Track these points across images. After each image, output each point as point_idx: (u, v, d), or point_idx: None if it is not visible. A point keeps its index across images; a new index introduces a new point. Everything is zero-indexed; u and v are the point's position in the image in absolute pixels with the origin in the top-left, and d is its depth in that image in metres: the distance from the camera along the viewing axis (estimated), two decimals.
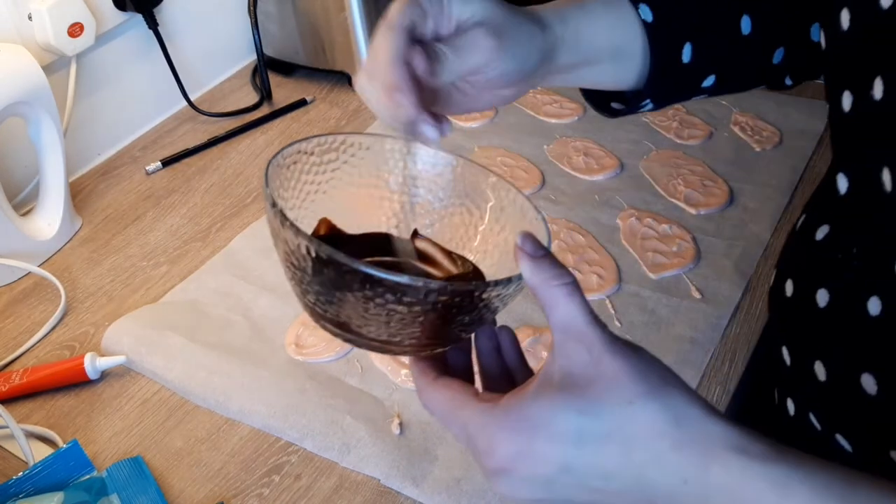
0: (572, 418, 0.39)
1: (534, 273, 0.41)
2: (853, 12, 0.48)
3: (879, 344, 0.49)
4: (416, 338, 0.45)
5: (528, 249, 0.41)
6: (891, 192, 0.43)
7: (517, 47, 0.51)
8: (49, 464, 0.69)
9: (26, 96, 0.87)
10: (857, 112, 0.47)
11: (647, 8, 0.58)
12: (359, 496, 0.67)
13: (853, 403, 0.51)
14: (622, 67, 0.59)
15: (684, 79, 0.61)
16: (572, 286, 0.41)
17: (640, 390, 0.39)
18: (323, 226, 0.52)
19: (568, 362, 0.40)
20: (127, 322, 0.83)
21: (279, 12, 1.17)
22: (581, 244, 0.87)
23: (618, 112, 0.64)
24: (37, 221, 0.94)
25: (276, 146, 1.09)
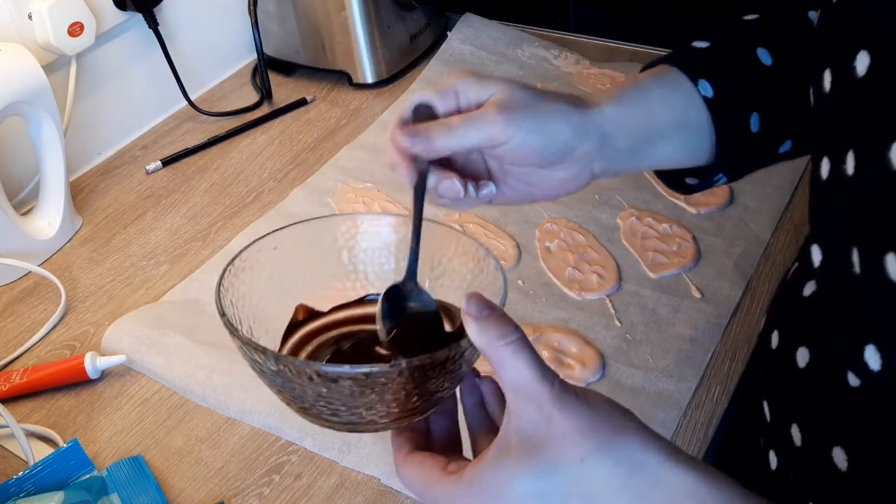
0: (530, 482, 0.40)
1: (479, 335, 0.42)
2: (833, 75, 0.45)
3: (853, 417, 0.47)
4: (388, 415, 0.46)
5: (472, 311, 0.42)
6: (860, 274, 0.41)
7: (536, 122, 0.52)
8: (49, 463, 0.69)
9: (26, 96, 0.87)
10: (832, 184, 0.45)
11: (707, 83, 0.57)
12: (359, 496, 0.67)
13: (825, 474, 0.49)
14: (691, 141, 0.58)
15: (758, 148, 0.59)
16: (517, 343, 0.41)
17: (590, 447, 0.39)
18: (301, 311, 0.55)
19: (521, 423, 0.41)
20: (127, 321, 0.83)
21: (279, 12, 1.17)
22: (581, 243, 0.87)
23: (693, 188, 0.63)
24: (37, 221, 0.94)
25: (276, 145, 1.09)
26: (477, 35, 1.21)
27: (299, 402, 0.47)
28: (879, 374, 0.42)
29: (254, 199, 1.00)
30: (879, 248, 0.39)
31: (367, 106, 1.15)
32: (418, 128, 0.53)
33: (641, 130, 0.56)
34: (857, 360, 0.43)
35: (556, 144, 0.53)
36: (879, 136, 0.39)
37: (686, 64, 0.58)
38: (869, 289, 0.40)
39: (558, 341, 0.76)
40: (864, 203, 0.41)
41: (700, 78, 0.57)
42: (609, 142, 0.55)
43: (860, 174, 0.41)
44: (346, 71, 1.18)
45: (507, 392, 0.41)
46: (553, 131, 0.53)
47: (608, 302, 0.81)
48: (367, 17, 1.13)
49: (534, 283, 0.84)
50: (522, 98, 0.53)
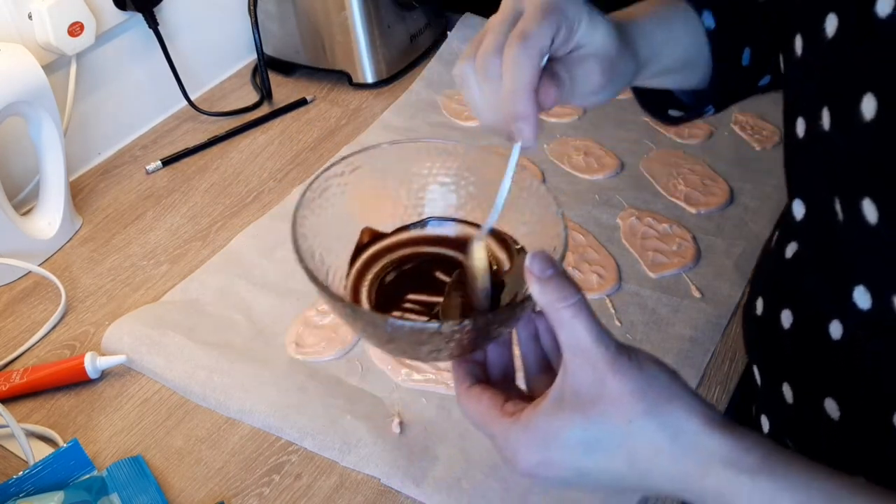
0: (580, 433, 0.43)
1: (541, 295, 0.44)
2: (804, 39, 0.48)
3: (840, 367, 0.49)
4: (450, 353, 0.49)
5: (535, 271, 0.44)
6: (843, 221, 0.43)
7: (619, 81, 0.54)
8: (49, 463, 0.69)
9: (26, 96, 0.87)
10: (809, 140, 0.47)
11: (710, 14, 0.60)
12: (359, 496, 0.67)
13: (819, 427, 0.51)
14: (689, 75, 0.62)
15: (744, 80, 0.63)
16: (577, 306, 0.43)
17: (639, 409, 0.43)
18: (366, 234, 0.57)
19: (575, 381, 0.44)
20: (127, 321, 0.83)
21: (279, 11, 1.17)
22: (581, 243, 0.87)
23: (677, 119, 0.65)
24: (37, 221, 0.94)
25: (276, 145, 1.09)
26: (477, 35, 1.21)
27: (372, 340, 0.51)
28: (870, 312, 0.44)
29: (254, 199, 1.00)
30: (857, 194, 0.42)
31: (367, 106, 1.15)
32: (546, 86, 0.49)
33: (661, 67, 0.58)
34: (845, 304, 0.45)
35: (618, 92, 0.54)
36: (851, 91, 0.42)
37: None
38: (851, 233, 0.43)
39: None
40: (840, 155, 0.44)
41: (705, 8, 0.59)
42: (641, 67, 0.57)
43: (835, 129, 0.44)
44: (346, 71, 1.18)
45: (564, 350, 0.44)
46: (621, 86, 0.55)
47: (608, 302, 0.81)
48: (367, 17, 1.13)
49: None
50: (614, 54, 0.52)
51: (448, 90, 1.15)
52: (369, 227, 0.57)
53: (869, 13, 0.41)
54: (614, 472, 0.44)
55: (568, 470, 0.44)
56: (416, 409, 0.72)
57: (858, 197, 0.42)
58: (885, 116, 0.40)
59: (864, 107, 0.41)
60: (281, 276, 0.88)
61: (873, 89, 0.41)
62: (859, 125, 0.41)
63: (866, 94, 0.41)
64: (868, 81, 0.41)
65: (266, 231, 0.94)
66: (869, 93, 0.41)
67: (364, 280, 0.56)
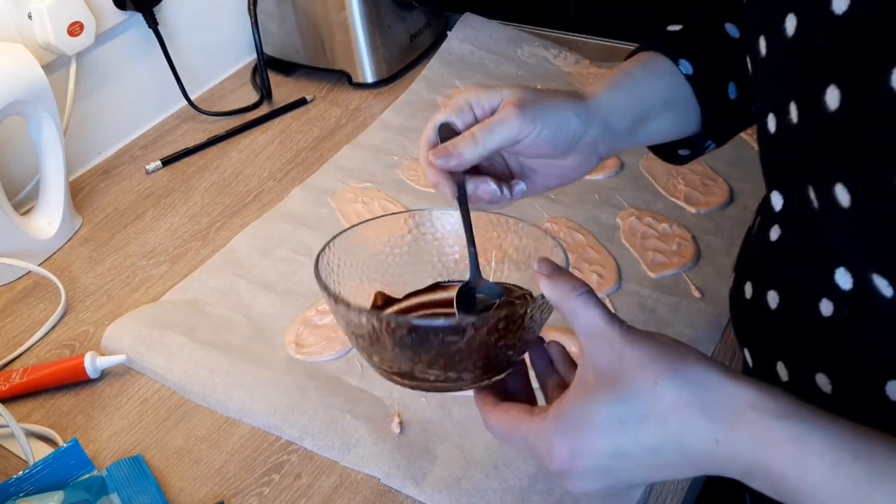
0: (610, 409, 0.44)
1: (553, 290, 0.47)
2: (767, 39, 0.50)
3: (830, 344, 0.50)
4: (472, 371, 0.51)
5: (544, 271, 0.48)
6: (818, 207, 0.45)
7: (548, 115, 0.57)
8: (49, 463, 0.69)
9: (26, 95, 0.87)
10: (780, 134, 0.49)
11: (687, 62, 0.63)
12: (359, 495, 0.67)
13: (813, 403, 0.52)
14: (679, 116, 0.64)
15: (737, 114, 0.65)
16: (587, 294, 0.47)
17: (660, 370, 0.44)
18: (379, 298, 0.60)
19: (595, 361, 0.46)
20: (127, 321, 0.83)
21: (279, 11, 1.17)
22: (581, 243, 0.87)
23: (685, 158, 0.68)
24: (37, 220, 0.94)
25: (276, 145, 1.09)
26: (477, 35, 1.21)
27: (397, 366, 0.52)
28: (852, 292, 0.46)
29: (254, 199, 1.00)
30: (829, 181, 0.43)
31: (367, 105, 1.15)
32: (447, 146, 0.57)
33: (635, 112, 0.62)
34: (830, 285, 0.47)
35: (568, 133, 0.58)
36: (815, 84, 0.44)
37: (666, 47, 0.63)
38: (827, 218, 0.45)
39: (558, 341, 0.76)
40: (810, 145, 0.46)
41: (680, 58, 0.63)
42: (610, 126, 0.60)
43: (802, 121, 0.46)
44: (346, 71, 1.18)
45: (580, 337, 0.47)
46: (563, 122, 0.58)
47: (608, 301, 0.81)
48: (367, 17, 1.13)
49: None
50: (531, 96, 0.57)
51: (448, 90, 1.15)
52: (381, 292, 0.60)
53: (826, 10, 0.43)
54: (648, 444, 0.44)
55: (604, 454, 0.45)
56: (416, 408, 0.72)
57: (831, 183, 0.43)
58: (849, 106, 0.42)
59: (829, 98, 0.43)
60: (281, 276, 0.88)
61: (836, 81, 0.42)
62: (825, 116, 0.43)
63: (829, 86, 0.43)
64: (830, 74, 0.43)
65: (266, 231, 0.94)
66: (832, 84, 0.42)
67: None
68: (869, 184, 0.42)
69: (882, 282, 0.44)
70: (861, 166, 0.42)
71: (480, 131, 0.56)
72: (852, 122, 0.42)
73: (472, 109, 0.59)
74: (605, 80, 0.62)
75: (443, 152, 0.57)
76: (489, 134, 0.56)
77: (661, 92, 0.62)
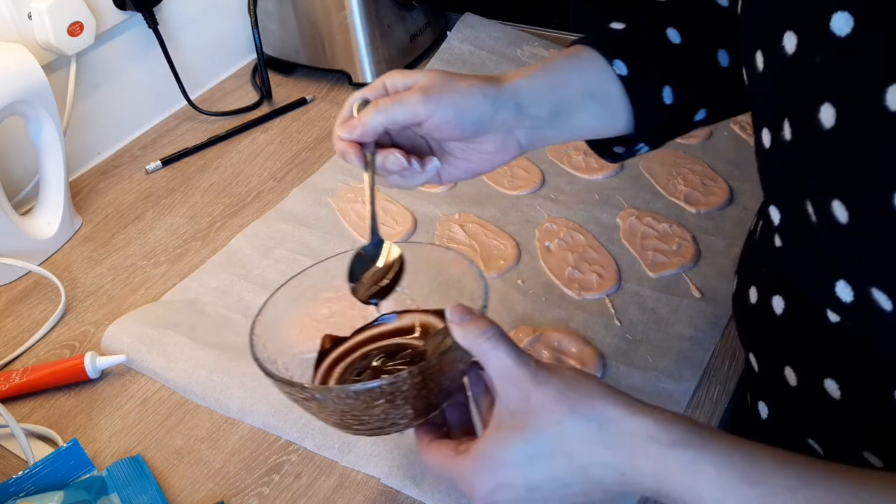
0: (520, 448, 0.48)
1: (463, 337, 0.50)
2: (764, 55, 0.50)
3: (838, 349, 0.50)
4: (407, 416, 0.54)
5: (455, 319, 0.51)
6: (816, 222, 0.46)
7: (451, 97, 0.58)
8: (49, 463, 0.69)
9: (26, 95, 0.87)
10: (775, 149, 0.50)
11: (622, 62, 0.62)
12: (359, 495, 0.67)
13: (821, 408, 0.52)
14: (607, 112, 0.63)
15: (673, 118, 0.65)
16: (495, 336, 0.49)
17: (564, 409, 0.47)
18: (327, 340, 0.63)
19: (507, 402, 0.49)
20: (127, 321, 0.83)
21: (279, 11, 1.17)
22: (581, 243, 0.87)
23: (619, 156, 0.68)
24: (37, 220, 0.94)
25: (276, 145, 1.09)
26: (477, 35, 1.21)
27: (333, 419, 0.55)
28: (853, 305, 0.47)
29: (254, 199, 1.00)
30: (826, 196, 0.44)
31: None
32: (353, 119, 0.60)
33: (554, 99, 0.62)
34: (831, 296, 0.48)
35: (473, 116, 0.59)
36: (809, 103, 0.44)
37: (603, 45, 0.63)
38: (826, 233, 0.45)
39: (558, 341, 0.76)
40: (805, 161, 0.46)
41: (615, 58, 0.63)
42: (524, 111, 0.61)
43: (796, 138, 0.47)
44: (346, 71, 1.18)
45: (493, 379, 0.49)
46: (468, 105, 0.59)
47: (608, 301, 0.81)
48: (367, 17, 1.13)
49: (533, 283, 0.84)
50: (442, 80, 0.59)
51: None
52: (329, 334, 0.63)
53: (826, 30, 0.43)
54: (559, 478, 0.47)
55: (520, 489, 0.48)
56: None
57: (828, 199, 0.44)
58: (844, 124, 0.42)
59: (823, 116, 0.43)
60: (281, 276, 0.87)
61: (831, 99, 0.43)
62: (820, 133, 0.44)
63: (824, 104, 0.43)
64: (825, 92, 0.43)
65: (266, 231, 0.94)
66: (827, 102, 0.43)
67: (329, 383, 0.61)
68: (866, 201, 0.42)
69: (881, 296, 0.44)
70: (858, 184, 0.42)
71: (383, 103, 0.59)
72: (848, 140, 0.42)
73: (387, 91, 0.61)
74: (528, 68, 0.63)
75: (348, 124, 0.59)
76: (390, 108, 0.58)
77: (585, 85, 0.62)
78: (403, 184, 0.62)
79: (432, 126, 0.59)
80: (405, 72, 0.61)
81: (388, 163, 0.60)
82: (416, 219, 0.93)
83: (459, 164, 0.63)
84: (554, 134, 0.63)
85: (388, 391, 0.50)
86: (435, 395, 0.54)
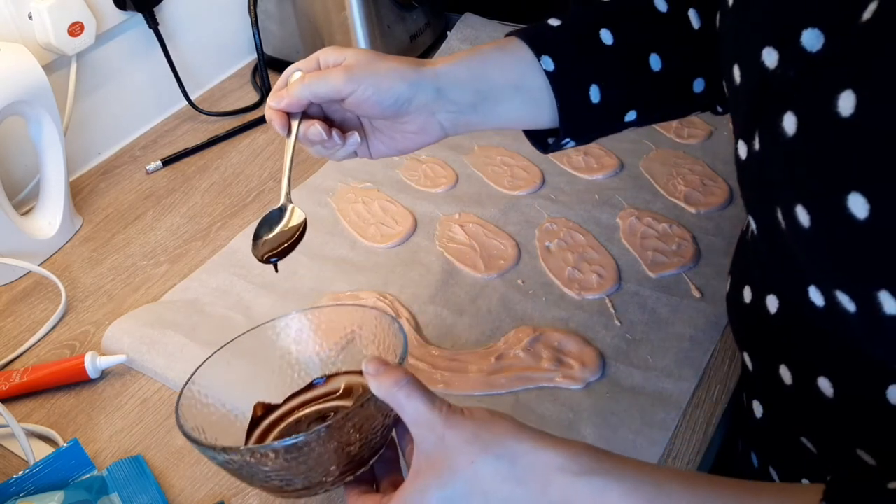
0: (439, 492, 0.48)
1: (378, 388, 0.51)
2: (741, 68, 0.51)
3: (830, 350, 0.51)
4: (332, 474, 0.54)
5: (370, 371, 0.52)
6: (785, 228, 0.47)
7: (372, 77, 0.61)
8: (49, 463, 0.69)
9: (26, 95, 0.87)
10: (750, 161, 0.51)
11: (549, 58, 0.64)
12: None
13: (815, 406, 0.53)
14: (531, 104, 0.65)
15: (600, 117, 0.66)
16: (409, 385, 0.50)
17: (476, 450, 0.48)
18: (259, 408, 0.64)
19: (423, 446, 0.50)
20: (127, 321, 0.83)
21: (279, 11, 1.17)
22: (581, 243, 0.88)
23: (549, 146, 0.69)
24: (37, 220, 0.94)
25: (276, 145, 1.09)
26: (477, 35, 1.21)
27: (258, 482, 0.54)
28: (825, 309, 0.47)
29: (254, 199, 1.00)
30: (791, 202, 0.45)
31: None
32: (282, 90, 0.64)
33: (476, 87, 0.64)
34: (805, 302, 0.49)
35: (392, 96, 0.62)
36: (774, 112, 0.45)
37: (533, 39, 0.65)
38: (793, 238, 0.46)
39: (558, 341, 0.76)
40: (773, 170, 0.47)
41: (543, 53, 0.64)
42: (445, 95, 0.63)
43: (764, 147, 0.48)
44: None
45: (409, 426, 0.51)
46: (388, 86, 0.61)
47: (608, 301, 0.81)
48: (367, 17, 1.13)
49: (533, 283, 0.84)
50: (365, 60, 0.62)
51: None
52: (260, 402, 0.64)
53: (798, 46, 0.44)
54: None
55: None
56: None
57: (792, 205, 0.45)
58: (803, 131, 0.43)
59: (786, 124, 0.44)
60: (281, 276, 0.88)
61: (793, 108, 0.44)
62: (784, 142, 0.45)
63: (787, 113, 0.44)
64: (787, 101, 0.44)
65: None
66: (789, 111, 0.44)
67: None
68: (824, 204, 0.43)
69: (845, 298, 0.44)
70: (816, 188, 0.43)
71: (309, 78, 0.62)
72: (807, 146, 0.43)
73: (319, 66, 0.64)
74: (455, 54, 0.65)
75: (278, 94, 0.63)
76: (315, 83, 0.62)
77: (510, 76, 0.64)
78: (328, 155, 0.66)
79: (354, 103, 0.62)
80: (338, 48, 0.64)
81: (310, 133, 0.63)
82: (417, 219, 0.93)
83: (386, 140, 0.67)
84: (478, 120, 0.65)
85: (311, 446, 0.51)
86: (359, 450, 0.54)
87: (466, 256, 0.87)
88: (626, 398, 0.71)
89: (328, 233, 0.93)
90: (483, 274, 0.85)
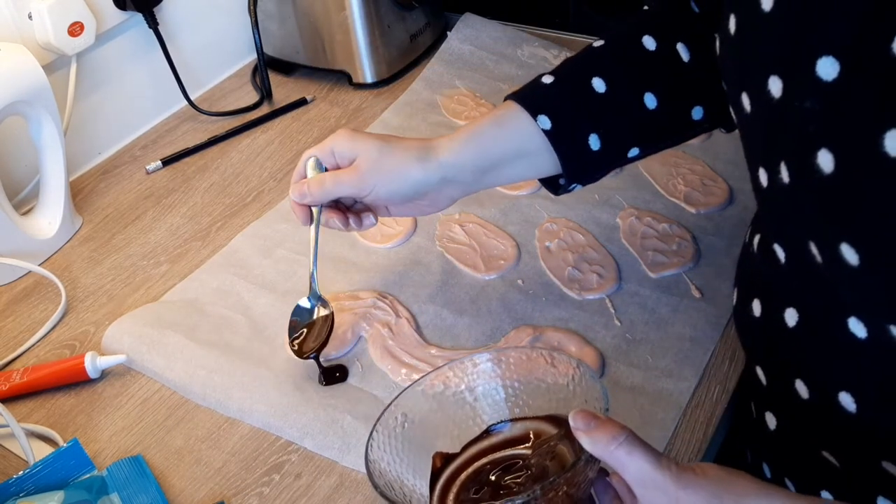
0: None
1: (593, 445, 0.47)
2: (750, 97, 0.50)
3: (855, 363, 0.50)
4: None
5: (581, 427, 0.47)
6: (822, 263, 0.46)
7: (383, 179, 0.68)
8: (49, 463, 0.69)
9: (26, 95, 0.87)
10: (774, 190, 0.49)
11: (545, 117, 0.67)
12: (359, 495, 0.67)
13: (835, 420, 0.52)
14: (534, 163, 0.69)
15: (602, 161, 0.69)
16: (628, 442, 0.46)
17: None
18: (438, 459, 0.60)
19: None
20: (127, 321, 0.83)
21: (279, 11, 1.17)
22: (581, 243, 0.87)
23: (561, 188, 0.72)
24: (37, 220, 0.94)
25: (276, 145, 1.09)
26: (477, 35, 1.21)
27: None
28: (867, 341, 0.46)
29: (254, 199, 1.00)
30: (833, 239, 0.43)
31: (367, 106, 1.15)
32: (303, 185, 0.71)
33: (480, 165, 0.69)
34: (843, 332, 0.47)
35: (405, 191, 0.69)
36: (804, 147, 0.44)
37: (527, 101, 0.68)
38: (834, 273, 0.44)
39: (558, 341, 0.76)
40: (807, 205, 0.46)
41: (539, 113, 0.67)
42: (451, 180, 0.69)
43: (795, 181, 0.46)
44: (346, 71, 1.18)
45: (633, 487, 0.46)
46: (399, 184, 0.69)
47: (608, 301, 0.81)
48: (367, 17, 1.13)
49: (534, 283, 0.84)
50: (375, 157, 0.68)
51: (447, 90, 1.15)
52: (439, 452, 0.60)
53: (812, 76, 0.43)
54: None
55: None
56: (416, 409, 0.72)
57: (836, 241, 0.43)
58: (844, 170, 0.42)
59: (821, 161, 0.42)
60: (281, 276, 0.88)
61: (827, 145, 0.42)
62: (820, 178, 0.43)
63: (821, 150, 0.42)
64: (820, 138, 0.43)
65: (266, 231, 0.94)
66: (823, 148, 0.42)
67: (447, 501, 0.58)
68: (877, 244, 0.41)
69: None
70: (866, 228, 0.42)
71: (329, 180, 0.70)
72: (850, 185, 0.42)
73: (334, 156, 0.70)
74: (456, 135, 0.69)
75: (299, 189, 0.71)
76: (333, 185, 0.70)
77: (510, 146, 0.68)
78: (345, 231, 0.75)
79: (369, 200, 0.71)
80: (351, 137, 0.70)
81: (329, 223, 0.73)
82: (417, 219, 0.93)
83: (401, 210, 0.74)
84: (485, 185, 0.71)
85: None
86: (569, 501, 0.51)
87: (466, 256, 0.87)
88: (626, 398, 0.71)
89: (328, 232, 0.93)
90: (483, 274, 0.85)
